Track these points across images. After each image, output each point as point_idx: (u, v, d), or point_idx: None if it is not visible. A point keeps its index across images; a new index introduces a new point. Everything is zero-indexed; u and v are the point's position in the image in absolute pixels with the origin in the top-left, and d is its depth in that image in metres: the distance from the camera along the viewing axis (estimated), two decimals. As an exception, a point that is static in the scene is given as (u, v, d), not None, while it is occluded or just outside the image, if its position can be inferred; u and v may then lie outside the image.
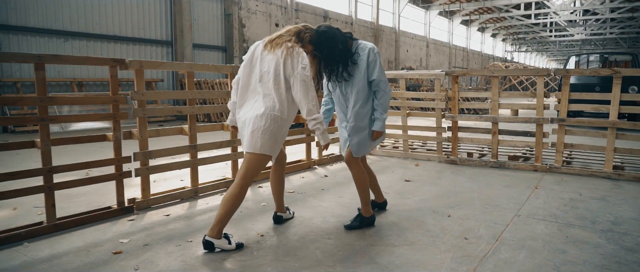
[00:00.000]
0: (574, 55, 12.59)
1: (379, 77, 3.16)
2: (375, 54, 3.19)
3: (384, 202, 3.83)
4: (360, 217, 3.38)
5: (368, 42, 3.28)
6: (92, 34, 11.75)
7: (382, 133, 3.25)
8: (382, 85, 3.17)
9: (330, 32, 3.11)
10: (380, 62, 3.21)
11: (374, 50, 3.21)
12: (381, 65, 3.21)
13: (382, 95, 3.18)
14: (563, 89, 5.32)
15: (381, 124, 3.20)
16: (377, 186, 3.77)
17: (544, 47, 52.42)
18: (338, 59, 3.14)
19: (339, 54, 3.12)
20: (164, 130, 4.15)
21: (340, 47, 3.11)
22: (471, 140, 6.07)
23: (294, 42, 2.96)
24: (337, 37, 3.11)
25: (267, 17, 17.13)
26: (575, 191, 4.48)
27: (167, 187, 4.59)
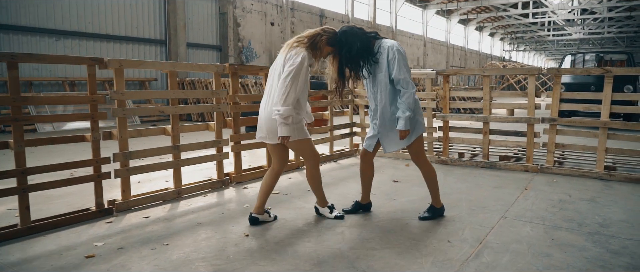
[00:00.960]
0: (569, 55, 12.53)
1: (398, 75, 3.14)
2: (395, 52, 3.17)
3: (368, 203, 3.76)
4: (432, 209, 3.53)
5: (392, 40, 3.28)
6: (84, 33, 11.66)
7: (407, 131, 3.20)
8: (403, 83, 3.14)
9: (349, 32, 3.20)
10: (401, 59, 3.17)
11: (394, 48, 3.19)
12: (403, 63, 3.17)
13: (404, 93, 3.15)
14: (554, 89, 5.25)
15: (403, 123, 3.16)
16: (369, 186, 3.69)
17: (542, 47, 52.37)
18: (357, 58, 3.19)
19: (357, 52, 3.17)
20: (146, 131, 4.08)
21: (359, 45, 3.16)
22: (462, 140, 6.00)
23: (303, 44, 3.15)
24: (356, 36, 3.18)
25: (263, 16, 17.05)
26: (565, 192, 4.41)
27: (152, 188, 4.52)
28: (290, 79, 3.04)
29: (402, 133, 3.21)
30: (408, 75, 3.16)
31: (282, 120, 3.07)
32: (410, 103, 3.14)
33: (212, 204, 4.00)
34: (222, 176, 4.68)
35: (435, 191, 3.53)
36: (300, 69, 3.07)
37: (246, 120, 5.26)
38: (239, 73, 4.73)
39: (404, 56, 3.19)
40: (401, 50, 3.20)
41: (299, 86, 3.09)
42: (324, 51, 3.24)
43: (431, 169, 3.51)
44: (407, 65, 3.19)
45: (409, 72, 3.18)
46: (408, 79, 3.14)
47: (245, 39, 16.28)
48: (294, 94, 3.07)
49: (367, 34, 3.25)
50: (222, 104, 4.56)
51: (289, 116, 3.07)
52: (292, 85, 3.05)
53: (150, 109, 4.17)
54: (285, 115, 3.05)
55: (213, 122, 4.54)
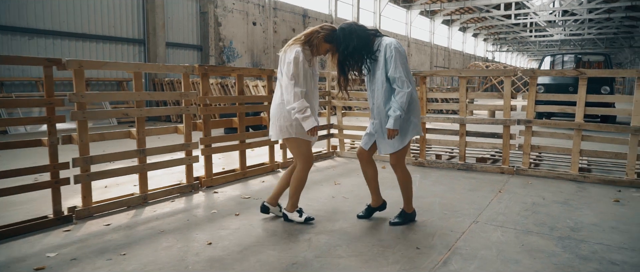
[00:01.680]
0: (549, 56, 12.63)
1: (394, 74, 3.10)
2: (392, 50, 3.12)
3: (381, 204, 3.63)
4: (403, 214, 3.46)
5: (392, 38, 3.23)
6: (59, 32, 11.35)
7: (395, 131, 3.13)
8: (399, 82, 3.10)
9: (348, 29, 3.18)
10: (398, 58, 3.11)
11: (392, 46, 3.14)
12: (400, 62, 3.11)
13: (398, 92, 3.10)
14: (530, 90, 5.23)
15: (392, 121, 3.09)
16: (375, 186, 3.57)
17: (525, 47, 53.02)
18: (354, 55, 3.18)
19: (354, 50, 3.15)
20: (110, 134, 3.92)
21: (356, 42, 3.14)
22: (439, 142, 5.95)
23: (299, 41, 3.25)
24: (354, 34, 3.15)
25: (244, 15, 16.87)
26: (539, 194, 4.37)
27: (119, 192, 4.37)
28: (291, 76, 3.17)
29: (389, 132, 3.14)
30: (404, 74, 3.09)
31: (302, 116, 3.16)
32: (402, 103, 3.08)
33: (179, 210, 3.87)
34: (192, 180, 4.54)
35: (409, 196, 3.47)
36: (296, 65, 3.17)
37: (225, 122, 5.14)
38: (209, 74, 4.60)
39: (402, 55, 3.13)
40: (400, 48, 3.15)
41: (301, 80, 3.20)
42: (321, 48, 3.27)
43: (407, 175, 3.43)
44: (404, 64, 3.13)
45: (406, 71, 3.12)
46: (404, 78, 3.08)
47: (227, 38, 16.08)
48: (299, 88, 3.18)
49: (367, 32, 3.21)
50: (192, 106, 4.43)
51: (305, 109, 3.15)
52: (295, 82, 3.17)
53: (112, 112, 4.01)
54: (300, 108, 3.14)
55: (182, 124, 4.41)
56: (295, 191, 3.46)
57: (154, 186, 4.63)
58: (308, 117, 3.17)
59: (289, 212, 3.51)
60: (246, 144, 5.12)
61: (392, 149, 3.28)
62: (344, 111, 6.67)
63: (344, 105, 6.61)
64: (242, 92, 5.04)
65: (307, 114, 3.16)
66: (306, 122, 3.18)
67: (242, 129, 5.04)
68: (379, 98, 3.22)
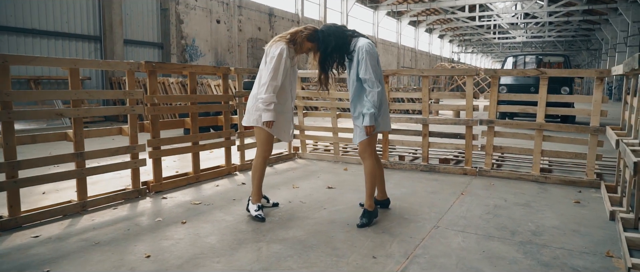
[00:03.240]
0: (511, 57, 12.81)
1: (364, 75, 3.24)
2: (364, 52, 3.26)
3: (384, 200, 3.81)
4: (367, 213, 3.42)
5: (366, 39, 3.39)
6: (5, 26, 10.66)
7: (373, 127, 3.27)
8: (369, 82, 3.24)
9: (327, 30, 3.35)
10: (368, 59, 3.24)
11: (364, 48, 3.28)
12: (370, 63, 3.24)
13: (369, 92, 3.25)
14: (492, 90, 5.16)
15: (368, 119, 3.23)
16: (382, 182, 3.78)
17: (489, 49, 54.33)
18: (333, 54, 3.35)
19: (332, 50, 3.32)
20: (42, 137, 3.56)
21: (335, 43, 3.31)
22: (402, 142, 5.81)
23: (284, 39, 3.44)
24: (333, 35, 3.32)
25: (208, 13, 16.41)
26: (501, 196, 4.28)
27: (58, 199, 4.01)
28: (271, 69, 3.36)
29: (366, 129, 3.27)
30: (374, 75, 3.23)
31: (264, 107, 3.35)
32: (374, 101, 3.23)
33: (120, 219, 3.55)
34: (139, 185, 4.23)
35: (371, 190, 3.44)
36: (279, 61, 3.37)
37: (175, 123, 4.83)
38: (157, 71, 4.29)
39: (372, 56, 3.26)
40: (371, 50, 3.28)
41: (279, 76, 3.38)
42: (304, 46, 3.46)
43: (374, 167, 3.44)
44: (375, 65, 3.27)
45: (376, 72, 3.26)
46: (373, 79, 3.22)
47: (189, 36, 15.60)
48: (275, 83, 3.37)
49: (345, 33, 3.37)
50: (138, 105, 4.11)
51: (270, 103, 3.34)
52: (273, 75, 3.36)
53: (44, 112, 3.65)
54: (266, 101, 3.34)
55: (127, 125, 4.09)
56: (254, 180, 3.61)
57: (100, 190, 4.30)
58: (269, 111, 3.35)
59: (252, 202, 3.63)
60: (199, 146, 4.83)
61: (358, 137, 3.44)
62: (306, 111, 6.46)
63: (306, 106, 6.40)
64: (195, 91, 4.75)
65: (270, 108, 3.35)
66: (265, 114, 3.37)
67: (194, 130, 4.75)
68: (353, 95, 3.42)
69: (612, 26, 28.97)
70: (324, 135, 6.67)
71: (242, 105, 5.40)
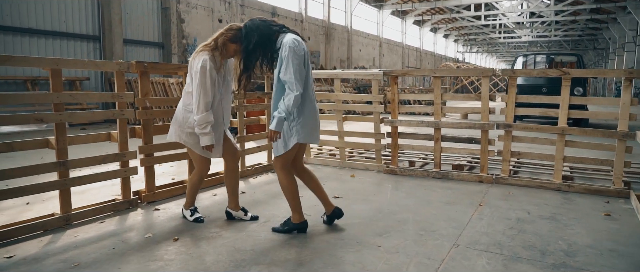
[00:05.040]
0: (521, 56, 12.43)
1: (283, 76, 2.90)
2: (287, 49, 2.90)
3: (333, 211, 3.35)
4: (288, 222, 3.22)
5: (293, 35, 3.02)
6: (1, 26, 10.36)
7: (275, 132, 2.91)
8: (289, 84, 2.88)
9: (250, 25, 3.03)
10: (290, 58, 2.88)
11: (287, 45, 2.91)
12: (292, 62, 2.88)
13: (286, 94, 2.90)
14: (509, 91, 4.81)
15: (274, 123, 2.88)
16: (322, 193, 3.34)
17: (494, 49, 53.82)
18: (255, 52, 3.03)
19: (255, 46, 3.01)
20: (20, 144, 3.23)
21: (257, 39, 2.99)
22: (412, 147, 5.47)
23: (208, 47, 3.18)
24: (256, 30, 3.00)
25: (209, 12, 16.10)
26: (523, 208, 3.93)
27: (42, 211, 3.69)
28: (196, 86, 3.11)
29: (270, 133, 2.92)
30: (294, 76, 2.86)
31: (200, 131, 3.15)
32: (289, 105, 2.87)
33: (106, 234, 3.22)
34: (129, 196, 3.90)
35: (293, 205, 3.18)
36: (203, 74, 3.10)
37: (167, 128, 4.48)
38: (149, 72, 3.96)
39: (296, 54, 2.88)
40: (295, 47, 2.89)
41: (208, 91, 3.13)
42: (229, 50, 3.19)
43: (288, 182, 3.14)
44: (297, 64, 2.89)
45: (298, 72, 2.88)
46: (293, 81, 2.86)
47: (191, 36, 15.29)
48: (206, 99, 3.12)
49: (271, 27, 3.02)
50: (128, 109, 3.78)
51: (206, 124, 3.13)
52: (201, 92, 3.10)
53: (20, 117, 3.32)
54: (201, 123, 3.13)
55: (116, 131, 3.76)
56: (188, 191, 3.52)
57: (89, 200, 3.98)
58: (206, 134, 3.16)
59: (184, 208, 3.57)
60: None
61: (275, 151, 3.12)
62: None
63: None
64: (191, 93, 4.41)
65: (206, 131, 3.15)
66: (203, 138, 3.18)
67: (191, 135, 4.41)
68: (273, 97, 3.08)
69: (620, 25, 28.49)
70: (329, 139, 6.32)
71: (243, 107, 5.07)
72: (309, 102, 3.05)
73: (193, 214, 3.52)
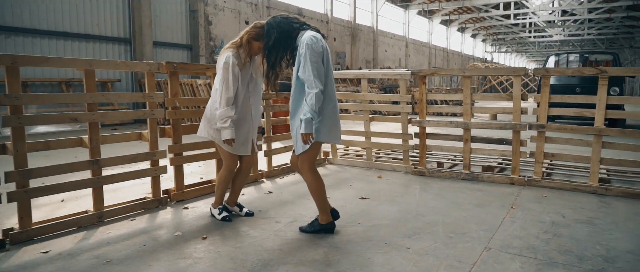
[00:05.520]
0: (553, 55, 12.07)
1: (302, 74, 2.88)
2: (305, 47, 2.86)
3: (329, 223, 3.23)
4: (316, 223, 3.20)
5: (313, 32, 2.98)
6: (38, 30, 10.73)
7: (307, 135, 2.90)
8: (308, 83, 2.85)
9: (272, 22, 3.04)
10: (308, 55, 2.84)
11: (305, 42, 2.88)
12: (311, 60, 2.84)
13: (307, 93, 2.86)
14: (542, 91, 4.67)
15: (303, 126, 2.86)
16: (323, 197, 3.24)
17: (524, 48, 52.54)
18: (275, 48, 3.02)
19: (274, 44, 3.01)
20: (55, 143, 3.32)
21: (277, 35, 2.99)
22: (440, 148, 5.37)
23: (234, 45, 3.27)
24: (277, 27, 3.00)
25: (236, 14, 16.28)
26: (558, 211, 3.80)
27: (75, 208, 3.78)
28: (219, 82, 3.23)
29: (303, 137, 2.91)
30: (313, 74, 2.82)
31: (221, 124, 3.23)
32: (312, 104, 2.83)
33: (137, 232, 3.28)
34: (159, 194, 3.96)
35: (320, 205, 3.16)
36: (226, 70, 3.20)
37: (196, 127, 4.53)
38: (178, 72, 4.02)
39: (315, 52, 2.84)
40: (313, 45, 2.85)
41: (230, 87, 3.21)
42: (253, 47, 3.26)
43: (315, 181, 3.10)
44: (315, 62, 2.85)
45: (316, 69, 2.84)
46: (312, 78, 2.82)
47: (218, 38, 15.49)
48: (227, 95, 3.21)
49: (291, 24, 3.01)
50: (158, 109, 3.84)
51: (226, 118, 3.21)
52: (223, 88, 3.21)
53: (57, 117, 3.42)
54: (222, 117, 3.21)
55: (146, 130, 3.83)
56: (218, 187, 3.56)
57: (121, 198, 4.06)
58: (226, 128, 3.22)
59: (213, 207, 3.62)
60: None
61: (299, 149, 3.05)
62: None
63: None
64: (219, 93, 4.45)
65: (226, 125, 3.22)
66: (224, 132, 3.24)
67: (219, 134, 4.45)
68: (292, 96, 3.05)
69: (659, 23, 27.36)
70: (356, 139, 6.28)
71: (269, 107, 5.09)
72: (328, 101, 3.00)
73: (221, 213, 3.55)
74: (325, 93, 2.94)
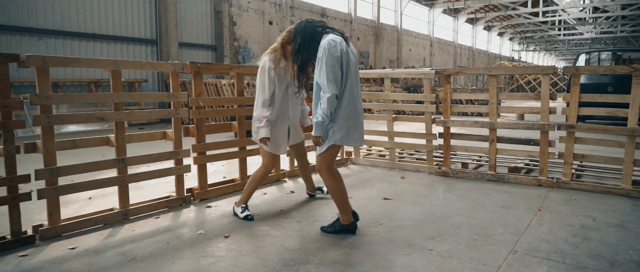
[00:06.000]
0: (583, 53, 11.71)
1: (317, 78, 2.92)
2: (322, 51, 2.91)
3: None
4: (337, 224, 3.20)
5: (333, 35, 3.01)
6: (69, 32, 11.06)
7: (318, 138, 2.98)
8: (322, 87, 2.90)
9: (297, 27, 3.14)
10: (324, 60, 2.87)
11: (323, 47, 2.91)
12: (328, 64, 2.86)
13: (322, 97, 2.90)
14: (572, 90, 4.53)
15: (314, 128, 2.96)
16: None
17: (553, 46, 51.21)
18: (299, 52, 3.10)
19: (299, 47, 3.10)
20: (83, 141, 3.41)
21: (301, 39, 3.07)
22: (466, 148, 5.27)
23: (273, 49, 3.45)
24: (301, 31, 3.09)
25: (260, 14, 16.39)
26: (588, 214, 3.67)
27: (102, 205, 3.87)
28: (257, 85, 3.47)
29: (313, 139, 3.00)
30: (327, 78, 2.85)
31: (256, 125, 3.44)
32: (324, 109, 2.89)
33: (161, 230, 3.33)
34: (183, 193, 4.01)
35: (341, 206, 3.15)
36: (262, 74, 3.42)
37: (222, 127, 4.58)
38: (202, 72, 4.06)
39: (331, 56, 2.86)
40: (330, 49, 2.87)
41: (266, 89, 3.40)
42: (286, 51, 3.40)
43: (334, 182, 3.11)
44: (331, 66, 2.86)
45: (331, 73, 2.85)
46: (326, 83, 2.85)
47: (242, 38, 15.64)
48: (263, 97, 3.42)
49: (315, 28, 3.07)
50: (182, 108, 3.89)
51: (261, 119, 3.39)
52: (260, 90, 3.43)
53: (84, 116, 3.50)
54: (257, 117, 3.42)
55: (171, 130, 3.88)
56: (248, 186, 3.66)
57: (146, 196, 4.13)
58: (261, 128, 3.41)
59: (236, 205, 3.65)
60: (247, 151, 4.56)
61: (317, 150, 3.09)
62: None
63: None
64: (242, 93, 4.49)
65: (261, 125, 3.40)
66: (259, 131, 3.43)
67: (241, 134, 4.49)
68: (313, 98, 3.09)
69: (697, 19, 26.24)
70: (379, 139, 6.23)
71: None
72: (347, 104, 2.96)
73: (244, 212, 3.58)
74: (344, 96, 2.94)
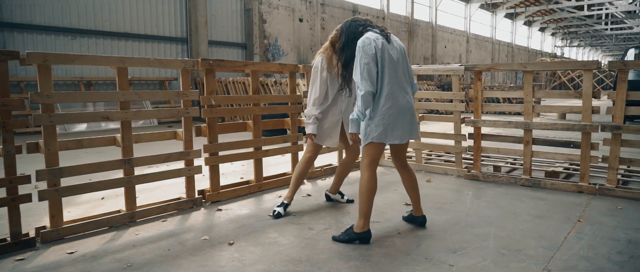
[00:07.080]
0: (633, 48, 10.92)
1: (354, 76, 2.90)
2: (358, 49, 2.87)
3: (421, 216, 3.31)
4: (351, 232, 2.98)
5: (370, 32, 2.95)
6: (101, 31, 11.27)
7: (353, 135, 2.95)
8: (357, 84, 2.87)
9: (343, 25, 3.17)
10: (361, 57, 2.84)
11: (358, 45, 2.88)
12: (363, 61, 2.82)
13: (357, 95, 2.87)
14: (619, 87, 4.10)
15: (350, 125, 2.93)
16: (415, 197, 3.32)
17: (599, 42, 48.76)
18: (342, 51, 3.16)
19: (343, 46, 3.14)
20: (89, 142, 3.30)
21: (345, 38, 3.12)
22: (497, 150, 4.89)
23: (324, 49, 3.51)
24: (345, 30, 3.13)
25: (290, 12, 16.26)
26: (636, 226, 3.26)
27: (110, 208, 3.77)
28: (310, 83, 3.57)
29: (350, 136, 3.01)
30: (361, 76, 2.81)
31: (306, 121, 3.57)
32: (360, 106, 2.87)
33: (165, 235, 3.17)
34: (194, 195, 3.86)
35: (362, 210, 2.96)
36: (314, 73, 3.51)
37: (235, 126, 4.41)
38: (215, 70, 3.89)
39: (366, 53, 2.82)
40: (364, 46, 2.84)
41: (317, 88, 3.49)
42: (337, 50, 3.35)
43: (365, 179, 2.96)
44: (365, 64, 2.82)
45: (365, 71, 2.81)
46: (359, 80, 2.83)
47: (272, 36, 15.55)
48: (314, 96, 3.51)
49: (357, 27, 3.07)
50: (192, 107, 3.74)
51: (310, 116, 3.52)
52: (311, 89, 3.54)
53: (88, 115, 3.39)
54: (307, 115, 3.56)
55: (181, 129, 3.73)
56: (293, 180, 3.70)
57: (158, 198, 4.01)
58: (309, 124, 3.54)
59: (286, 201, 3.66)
60: (262, 152, 4.37)
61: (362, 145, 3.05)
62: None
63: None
64: (258, 91, 4.30)
65: (309, 122, 3.53)
66: (308, 127, 3.56)
67: (256, 134, 4.30)
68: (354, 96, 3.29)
69: None
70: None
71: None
72: (386, 100, 2.87)
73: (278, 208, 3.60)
74: (381, 93, 2.88)
